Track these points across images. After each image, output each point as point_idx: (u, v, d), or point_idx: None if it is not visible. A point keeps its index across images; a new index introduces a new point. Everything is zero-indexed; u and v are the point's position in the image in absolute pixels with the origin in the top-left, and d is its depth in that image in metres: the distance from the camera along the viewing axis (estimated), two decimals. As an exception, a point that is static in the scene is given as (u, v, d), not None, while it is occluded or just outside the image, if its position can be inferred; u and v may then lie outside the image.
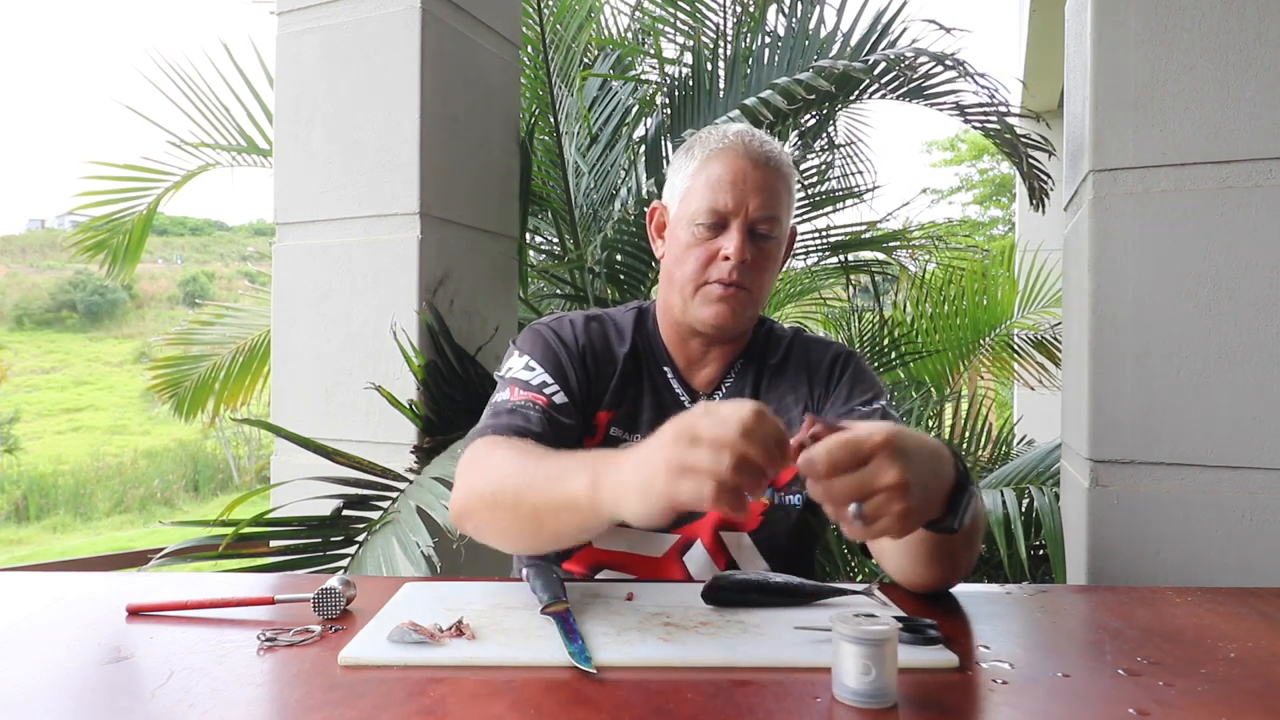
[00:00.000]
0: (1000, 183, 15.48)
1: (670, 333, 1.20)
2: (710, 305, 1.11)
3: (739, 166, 1.10)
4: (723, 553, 1.12)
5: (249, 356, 3.45)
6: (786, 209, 1.13)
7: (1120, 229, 1.44)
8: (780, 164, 1.12)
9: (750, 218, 1.09)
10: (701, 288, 1.11)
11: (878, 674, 0.64)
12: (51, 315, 29.13)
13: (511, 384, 1.10)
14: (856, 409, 1.12)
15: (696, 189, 1.12)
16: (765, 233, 1.11)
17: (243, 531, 1.50)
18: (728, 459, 0.68)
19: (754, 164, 1.10)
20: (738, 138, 1.12)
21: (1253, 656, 0.78)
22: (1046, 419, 3.57)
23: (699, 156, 1.13)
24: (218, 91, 3.07)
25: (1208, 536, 1.38)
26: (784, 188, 1.12)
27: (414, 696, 0.67)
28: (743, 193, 1.09)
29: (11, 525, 14.32)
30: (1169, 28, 1.41)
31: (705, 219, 1.10)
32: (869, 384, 1.16)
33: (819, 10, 2.44)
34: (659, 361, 1.19)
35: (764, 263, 1.12)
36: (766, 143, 1.13)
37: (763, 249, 1.11)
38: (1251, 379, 1.36)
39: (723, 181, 1.09)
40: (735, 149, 1.11)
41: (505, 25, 2.09)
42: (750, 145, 1.11)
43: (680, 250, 1.13)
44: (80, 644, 0.80)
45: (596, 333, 1.19)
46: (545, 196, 2.59)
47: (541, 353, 1.14)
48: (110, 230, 3.20)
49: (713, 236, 1.10)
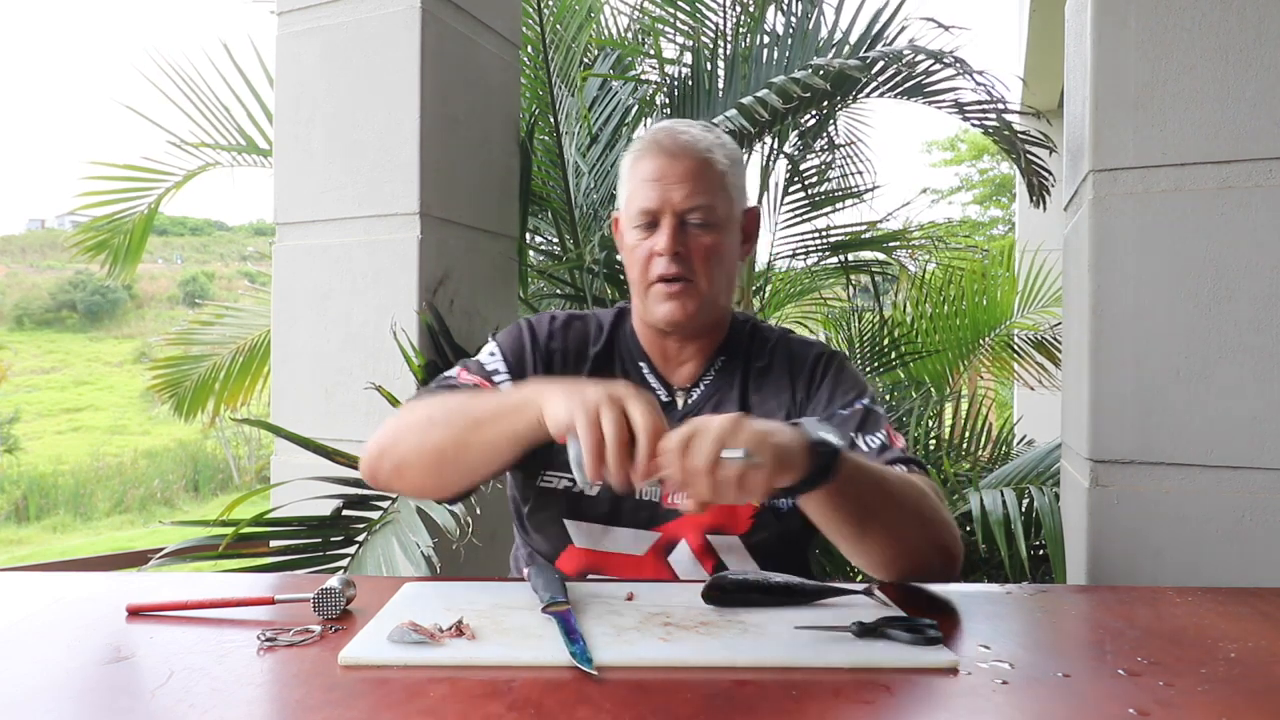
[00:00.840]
0: (1000, 183, 15.47)
1: (644, 331, 1.21)
2: (661, 303, 1.13)
3: (658, 163, 1.12)
4: (711, 555, 1.12)
5: (249, 356, 3.45)
6: (721, 193, 1.13)
7: (1120, 229, 1.44)
8: (702, 150, 1.13)
9: (678, 210, 1.11)
10: (650, 287, 1.14)
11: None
12: (51, 315, 29.14)
13: (465, 365, 1.17)
14: (837, 412, 1.12)
15: (630, 192, 1.15)
16: (699, 221, 1.12)
17: (243, 531, 1.50)
18: (613, 413, 0.82)
19: (673, 157, 1.11)
20: (658, 133, 1.15)
21: (1253, 656, 0.78)
22: (1046, 419, 3.57)
23: (629, 162, 1.16)
24: (218, 91, 3.07)
25: (1208, 536, 1.38)
26: (710, 172, 1.12)
27: (414, 696, 0.67)
28: (666, 188, 1.11)
29: (11, 525, 14.32)
30: (1169, 28, 1.41)
31: (639, 220, 1.13)
32: (851, 384, 1.16)
33: (818, 9, 2.44)
34: (634, 358, 1.21)
35: (706, 252, 1.12)
36: (686, 133, 1.14)
37: (698, 237, 1.12)
38: (1251, 379, 1.36)
39: (647, 181, 1.12)
40: (654, 146, 1.13)
41: (505, 25, 2.09)
42: (668, 138, 1.13)
43: (628, 253, 1.17)
44: (80, 644, 0.80)
45: (576, 332, 1.21)
46: (545, 196, 2.59)
47: (509, 344, 1.18)
48: (111, 230, 3.20)
49: (649, 235, 1.13)
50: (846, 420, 1.12)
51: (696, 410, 1.17)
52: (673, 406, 1.18)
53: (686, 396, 1.18)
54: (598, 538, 1.13)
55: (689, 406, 1.17)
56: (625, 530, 1.12)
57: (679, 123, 1.17)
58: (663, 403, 1.18)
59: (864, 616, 0.82)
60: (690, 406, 1.17)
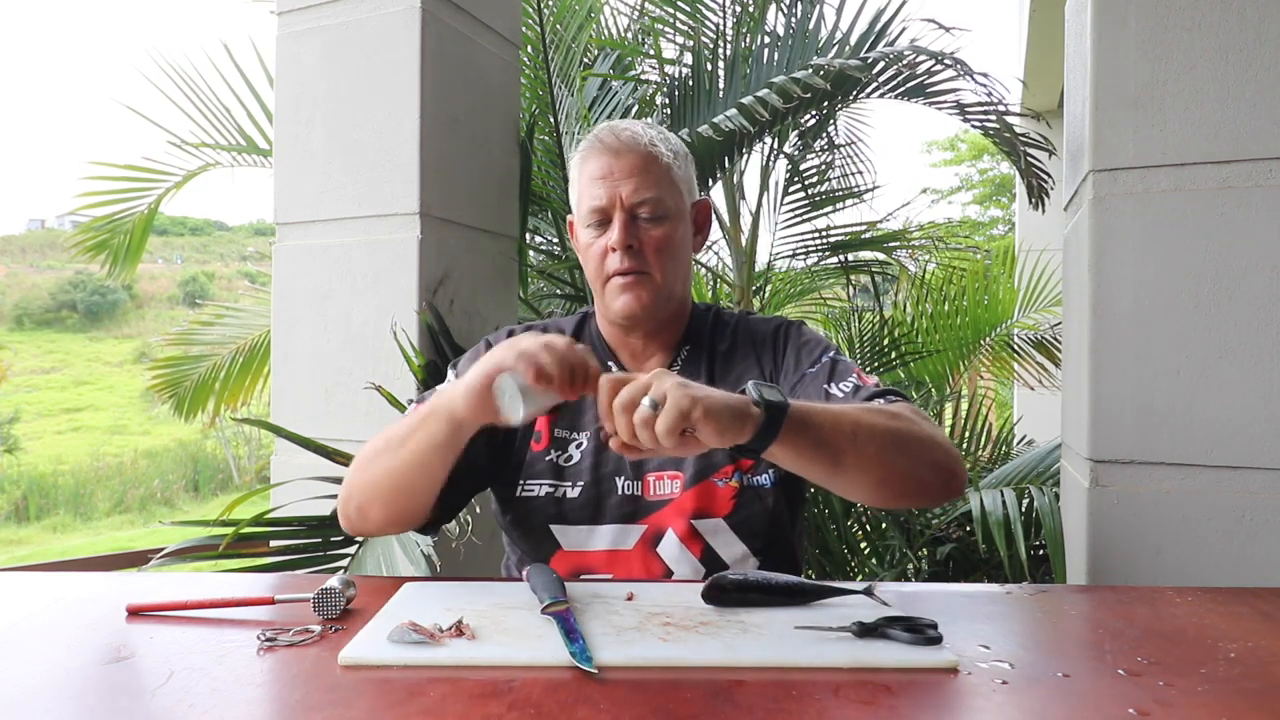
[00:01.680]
0: (1000, 183, 15.47)
1: (609, 330, 1.23)
2: (618, 297, 1.15)
3: (603, 161, 1.14)
4: (697, 539, 1.12)
5: (249, 356, 3.45)
6: (669, 185, 1.16)
7: (1120, 229, 1.44)
8: (645, 144, 1.15)
9: (627, 205, 1.13)
10: (607, 283, 1.16)
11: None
12: (51, 315, 29.13)
13: (423, 399, 1.18)
14: (806, 372, 1.14)
15: (580, 193, 1.18)
16: (649, 214, 1.14)
17: (243, 531, 1.50)
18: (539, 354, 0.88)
19: (616, 153, 1.14)
20: (600, 132, 1.17)
21: (1253, 656, 0.78)
22: (1046, 419, 3.56)
23: (576, 163, 1.19)
24: (218, 91, 3.07)
25: (1208, 536, 1.38)
26: (655, 166, 1.15)
27: (414, 696, 0.67)
28: (613, 184, 1.13)
29: (11, 525, 14.32)
30: (1169, 27, 1.41)
31: (590, 219, 1.16)
32: (814, 344, 1.18)
33: (819, 9, 2.44)
34: (602, 359, 1.22)
35: (659, 244, 1.14)
36: (627, 130, 1.16)
37: (648, 230, 1.14)
38: (1251, 379, 1.36)
39: (594, 178, 1.15)
40: (598, 144, 1.16)
41: (505, 25, 2.09)
42: (610, 136, 1.16)
43: (583, 253, 1.19)
44: (80, 644, 0.80)
45: None
46: (545, 196, 2.59)
47: (465, 367, 1.18)
48: (111, 230, 3.20)
49: (601, 233, 1.15)
50: (816, 375, 1.13)
51: None
52: None
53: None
54: (584, 539, 1.14)
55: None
56: (610, 527, 1.13)
57: (619, 122, 1.20)
58: None
59: (864, 616, 0.82)
60: None
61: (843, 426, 0.93)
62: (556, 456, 1.16)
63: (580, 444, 1.17)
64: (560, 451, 1.17)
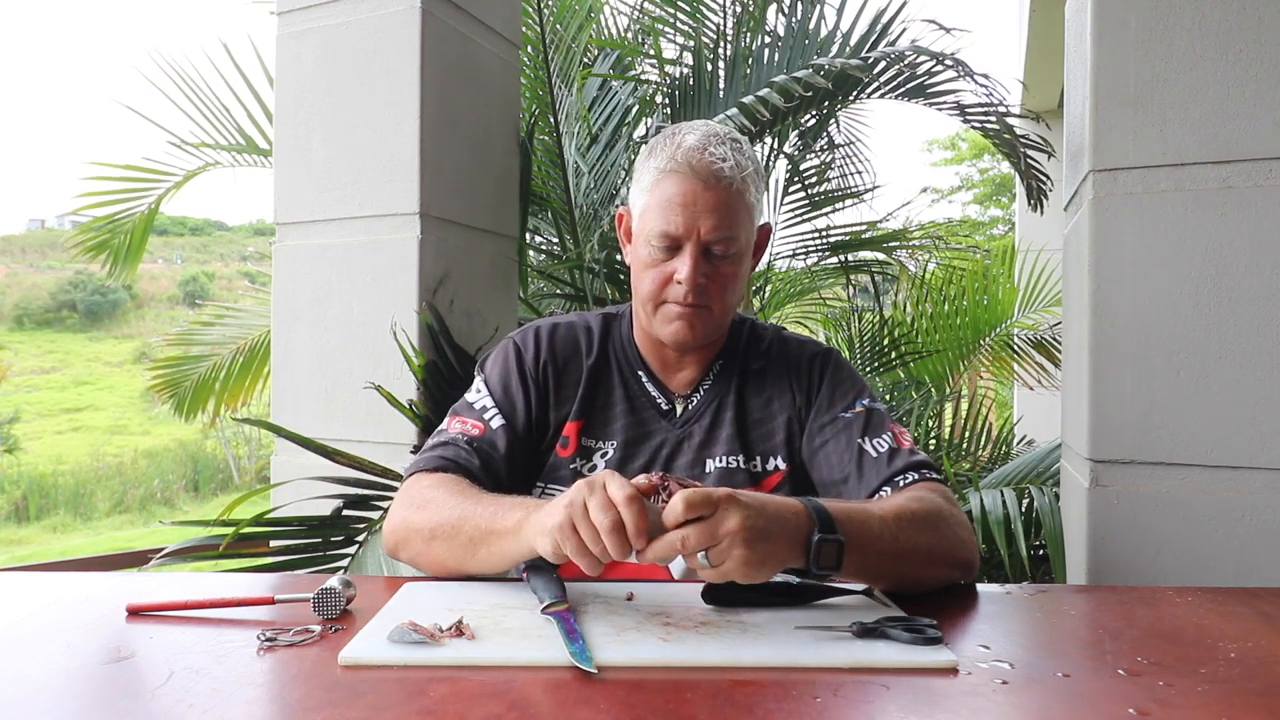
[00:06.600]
0: (1000, 182, 15.46)
1: (643, 338, 1.21)
2: (670, 324, 1.12)
3: (689, 189, 1.07)
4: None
5: (249, 357, 3.45)
6: (745, 223, 1.12)
7: (1120, 229, 1.44)
8: (734, 179, 1.08)
9: (703, 240, 1.09)
10: (660, 306, 1.13)
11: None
12: (51, 315, 29.11)
13: (453, 413, 1.19)
14: (839, 416, 1.14)
15: (651, 208, 1.11)
16: (721, 252, 1.10)
17: (243, 531, 1.50)
18: (590, 532, 0.82)
19: (705, 185, 1.07)
20: (690, 155, 1.08)
21: (1253, 656, 0.78)
22: (1046, 419, 3.57)
23: (653, 171, 1.11)
24: (218, 91, 3.07)
25: (1207, 536, 1.38)
26: (740, 203, 1.10)
27: (414, 696, 0.67)
28: (694, 215, 1.08)
29: (11, 525, 14.31)
30: (1169, 28, 1.41)
31: (659, 241, 1.10)
32: (849, 384, 1.17)
33: (819, 10, 2.44)
34: (632, 366, 1.21)
35: (723, 280, 1.12)
36: (719, 158, 1.08)
37: (719, 268, 1.11)
38: (1251, 379, 1.36)
39: (674, 204, 1.08)
40: (687, 169, 1.08)
41: (505, 25, 2.09)
42: (702, 162, 1.07)
43: (640, 268, 1.14)
44: (80, 644, 0.80)
45: (563, 342, 1.20)
46: (545, 196, 2.59)
47: (496, 376, 1.19)
48: (111, 230, 3.21)
49: (668, 258, 1.11)
50: (850, 425, 1.12)
51: (696, 415, 1.18)
52: (672, 413, 1.19)
53: (686, 402, 1.19)
54: None
55: (688, 413, 1.19)
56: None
57: (709, 139, 1.09)
58: (662, 409, 1.19)
59: (864, 616, 0.82)
60: (690, 413, 1.19)
61: (886, 557, 0.93)
62: (581, 465, 1.16)
63: (606, 454, 1.16)
64: (585, 460, 1.16)
